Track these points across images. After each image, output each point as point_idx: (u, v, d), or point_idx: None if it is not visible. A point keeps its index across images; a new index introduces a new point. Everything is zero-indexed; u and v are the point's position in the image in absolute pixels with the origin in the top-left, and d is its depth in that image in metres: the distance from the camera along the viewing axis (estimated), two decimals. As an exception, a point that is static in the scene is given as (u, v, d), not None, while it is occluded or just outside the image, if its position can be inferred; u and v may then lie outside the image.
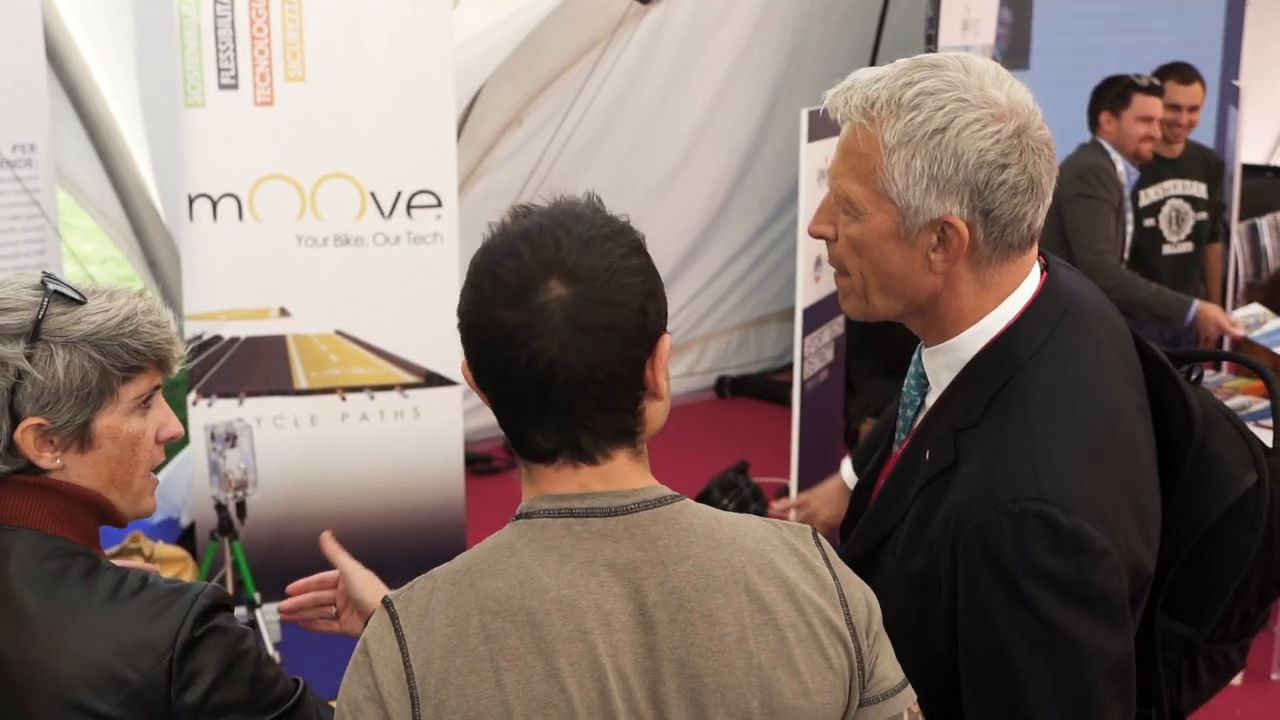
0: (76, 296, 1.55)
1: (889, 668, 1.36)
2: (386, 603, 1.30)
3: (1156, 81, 4.81)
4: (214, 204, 4.12)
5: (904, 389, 1.67)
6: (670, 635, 1.25)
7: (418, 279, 4.33)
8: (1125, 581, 1.42)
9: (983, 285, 1.50)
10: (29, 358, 1.51)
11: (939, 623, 1.47)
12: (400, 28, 4.19)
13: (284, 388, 4.29)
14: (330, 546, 1.82)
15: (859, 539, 1.62)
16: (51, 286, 1.55)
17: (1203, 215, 5.21)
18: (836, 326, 4.66)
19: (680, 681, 1.25)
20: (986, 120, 1.42)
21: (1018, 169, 1.43)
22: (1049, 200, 1.49)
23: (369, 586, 1.77)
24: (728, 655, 1.26)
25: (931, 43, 5.78)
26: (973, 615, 1.43)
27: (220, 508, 3.81)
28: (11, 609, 1.50)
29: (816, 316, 4.40)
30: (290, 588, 1.83)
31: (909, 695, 1.36)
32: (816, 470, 4.57)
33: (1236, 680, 1.62)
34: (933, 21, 5.69)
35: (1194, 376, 1.65)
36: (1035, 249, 1.54)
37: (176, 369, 1.66)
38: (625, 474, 1.30)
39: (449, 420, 4.49)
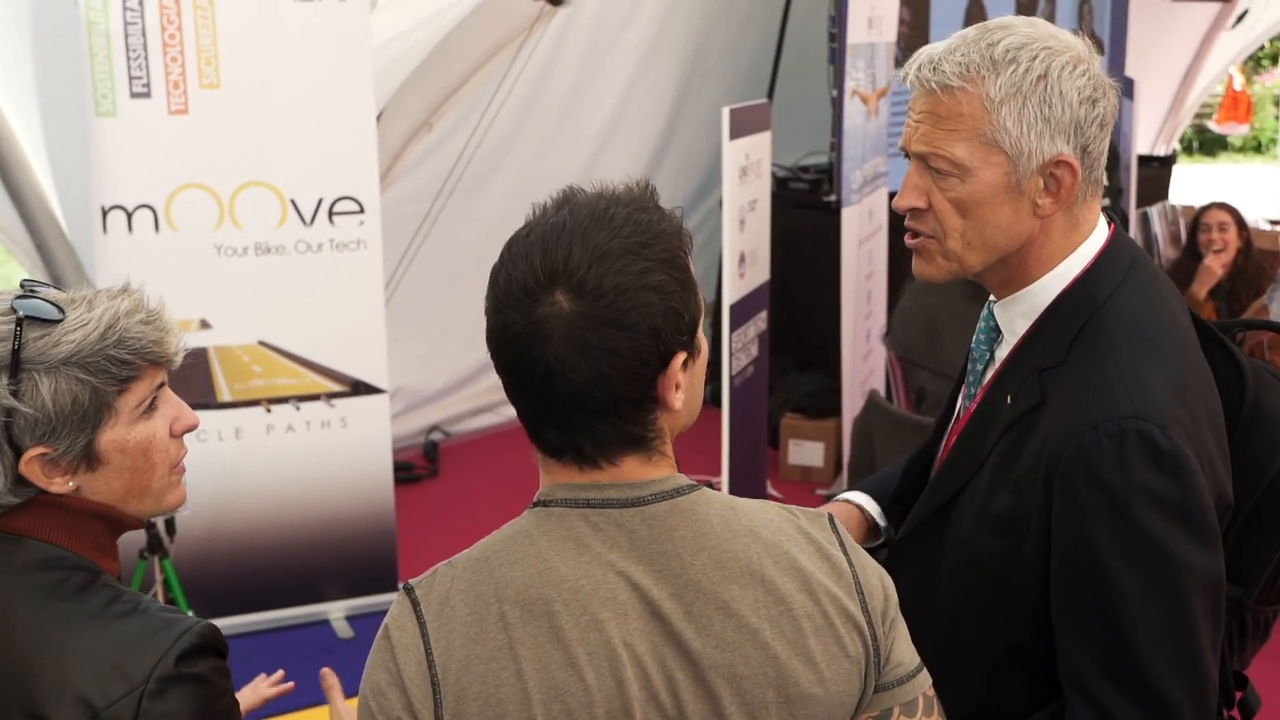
0: (51, 316, 1.48)
1: (905, 653, 1.37)
2: (408, 589, 1.30)
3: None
4: (129, 215, 4.02)
5: (972, 346, 1.72)
6: (686, 626, 1.26)
7: (342, 286, 4.28)
8: (1213, 503, 1.48)
9: (1071, 225, 1.60)
10: (14, 393, 1.44)
11: (1025, 563, 1.52)
12: (317, 31, 4.13)
13: (206, 401, 4.20)
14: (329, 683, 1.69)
15: (933, 494, 1.67)
16: (21, 312, 1.46)
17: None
18: (760, 322, 4.70)
19: (696, 672, 1.26)
20: (1074, 62, 1.54)
21: (1105, 103, 1.55)
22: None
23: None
24: (744, 647, 1.27)
25: (835, 40, 5.85)
26: (1070, 538, 1.48)
27: (149, 525, 3.72)
28: (2, 615, 1.45)
29: (742, 312, 4.43)
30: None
31: (925, 679, 1.37)
32: (745, 466, 4.60)
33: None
34: (835, 20, 5.77)
35: (1238, 341, 1.75)
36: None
37: (178, 360, 1.57)
38: (638, 473, 1.29)
39: (377, 428, 4.45)
